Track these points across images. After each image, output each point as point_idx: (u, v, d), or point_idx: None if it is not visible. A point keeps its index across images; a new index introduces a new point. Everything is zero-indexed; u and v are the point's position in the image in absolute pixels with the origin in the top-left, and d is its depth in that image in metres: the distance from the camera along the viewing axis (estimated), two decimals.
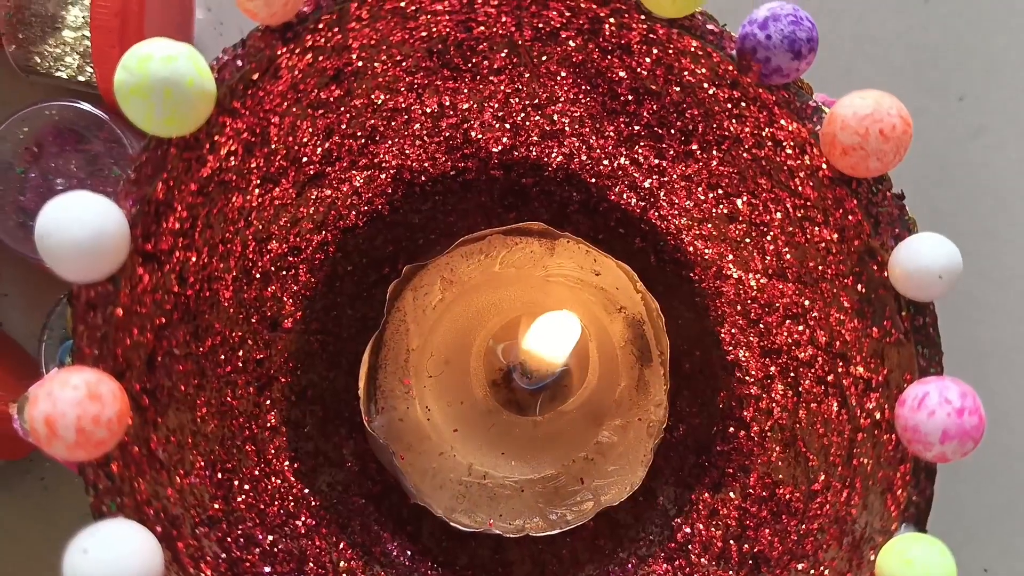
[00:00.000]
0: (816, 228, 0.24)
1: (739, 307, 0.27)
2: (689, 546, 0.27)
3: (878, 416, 0.23)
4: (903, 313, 0.22)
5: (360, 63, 0.24)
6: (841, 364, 0.24)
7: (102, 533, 0.18)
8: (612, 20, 0.23)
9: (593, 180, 0.28)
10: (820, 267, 0.24)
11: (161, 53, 0.19)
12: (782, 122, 0.23)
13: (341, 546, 0.26)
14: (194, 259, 0.23)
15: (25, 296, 0.32)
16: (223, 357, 0.25)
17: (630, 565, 0.27)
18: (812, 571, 0.23)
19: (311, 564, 0.25)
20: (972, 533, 0.36)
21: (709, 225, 0.27)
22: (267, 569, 0.23)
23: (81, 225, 0.19)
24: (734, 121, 0.24)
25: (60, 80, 0.31)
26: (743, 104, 0.24)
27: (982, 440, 0.21)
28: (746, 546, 0.25)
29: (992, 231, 0.36)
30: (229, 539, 0.23)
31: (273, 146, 0.24)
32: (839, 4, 0.36)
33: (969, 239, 0.31)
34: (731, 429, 0.27)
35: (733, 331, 0.27)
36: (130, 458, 0.20)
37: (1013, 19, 0.37)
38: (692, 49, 0.23)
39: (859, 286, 0.23)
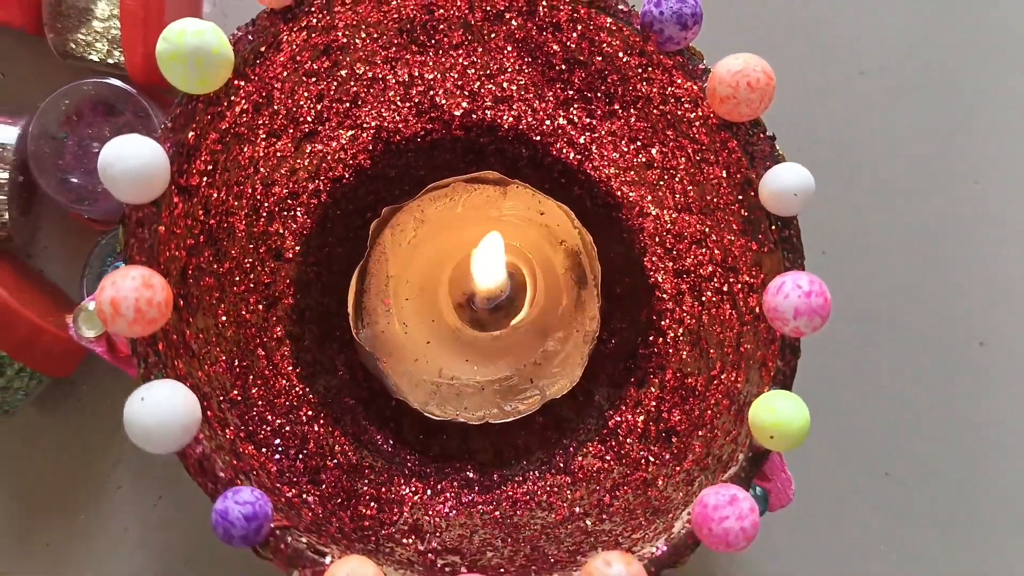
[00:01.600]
0: (710, 167, 0.30)
1: (657, 239, 0.33)
2: (618, 431, 0.33)
3: (757, 311, 0.29)
4: (772, 228, 0.28)
5: (344, 40, 0.30)
6: (732, 275, 0.30)
7: (155, 387, 0.24)
8: (544, 2, 0.30)
9: (538, 138, 0.34)
10: (715, 199, 0.31)
11: (193, 28, 0.25)
12: (679, 81, 0.29)
13: (336, 434, 0.32)
14: (215, 195, 0.29)
15: (63, 247, 0.38)
16: (238, 278, 0.31)
17: (571, 448, 0.33)
18: (708, 435, 0.29)
19: (311, 444, 0.31)
20: (873, 438, 0.42)
21: (632, 173, 0.33)
22: (276, 442, 0.29)
23: (135, 159, 0.25)
24: (644, 83, 0.30)
25: (92, 63, 0.36)
26: (649, 68, 0.30)
27: (829, 319, 0.27)
28: (661, 425, 0.31)
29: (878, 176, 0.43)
30: (246, 416, 0.29)
31: (276, 107, 0.30)
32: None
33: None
34: (652, 337, 0.33)
35: (653, 259, 0.34)
36: (171, 343, 0.26)
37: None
38: (607, 25, 0.29)
39: (743, 211, 0.29)
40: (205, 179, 0.28)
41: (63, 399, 0.38)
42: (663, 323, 0.33)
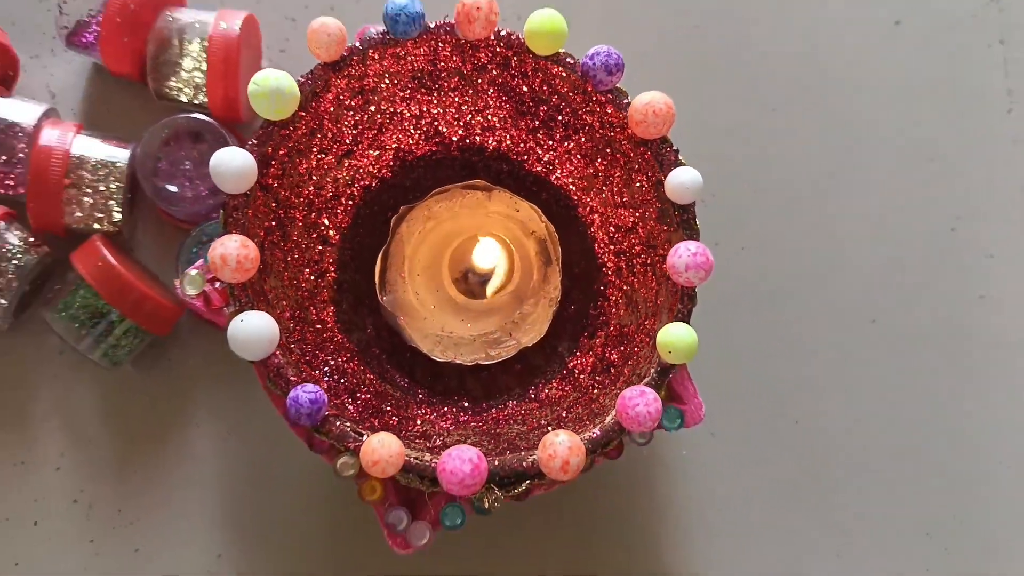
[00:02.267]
0: (636, 174, 0.42)
1: (603, 230, 0.45)
2: (575, 370, 0.44)
3: (668, 275, 0.41)
4: (675, 213, 0.40)
5: (373, 84, 0.42)
6: (653, 251, 0.42)
7: (250, 314, 0.36)
8: (515, 58, 0.42)
9: (514, 156, 0.46)
10: (640, 197, 0.42)
11: (274, 75, 0.37)
12: (610, 111, 0.41)
13: (367, 372, 0.43)
14: (283, 193, 0.41)
15: (154, 241, 0.50)
16: (296, 255, 0.42)
17: (539, 384, 0.44)
18: (634, 363, 0.41)
19: (349, 376, 0.42)
20: (786, 394, 0.53)
21: (582, 181, 0.45)
22: (325, 369, 0.41)
23: (235, 162, 0.37)
24: (587, 114, 0.43)
25: (181, 103, 0.49)
26: (590, 103, 0.42)
27: (711, 272, 0.39)
28: (604, 362, 0.43)
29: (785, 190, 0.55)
30: (304, 350, 0.40)
31: (325, 132, 0.42)
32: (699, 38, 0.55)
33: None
34: (599, 302, 0.45)
35: (600, 245, 0.45)
36: (255, 292, 0.38)
37: (812, 54, 0.56)
38: (560, 73, 0.42)
39: (658, 203, 0.41)
40: (276, 181, 0.40)
41: (154, 359, 0.49)
42: (608, 292, 0.45)
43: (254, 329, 0.35)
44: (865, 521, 0.52)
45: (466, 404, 0.44)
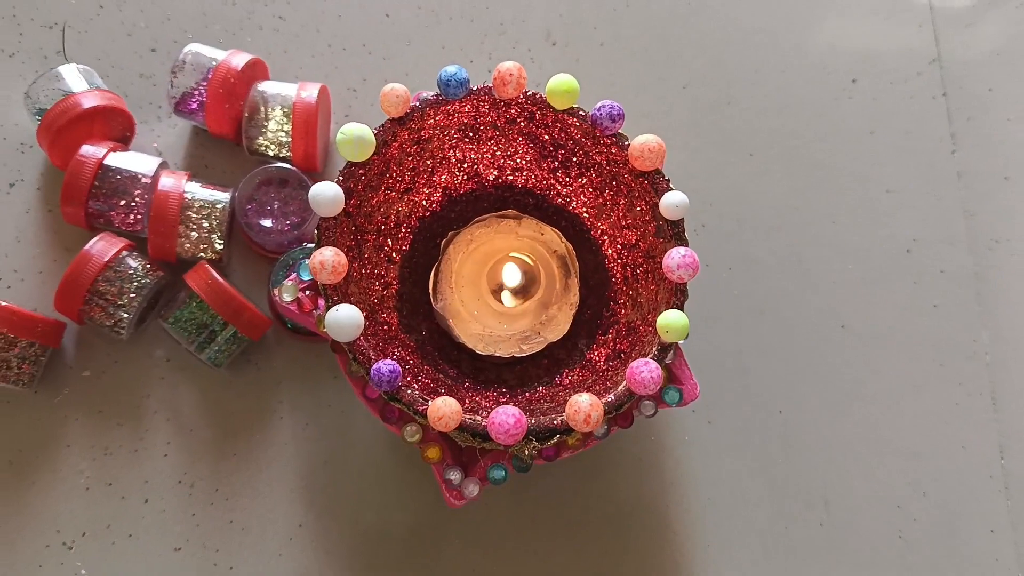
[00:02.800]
0: (636, 200, 0.53)
1: (612, 247, 0.56)
2: (592, 360, 0.54)
3: (664, 275, 0.51)
4: (668, 227, 0.51)
5: (428, 135, 0.54)
6: (651, 260, 0.53)
7: (343, 306, 0.46)
8: (539, 112, 0.53)
9: (539, 191, 0.57)
10: (640, 219, 0.53)
11: (358, 126, 0.49)
12: (615, 151, 0.52)
13: (424, 365, 0.53)
14: (360, 220, 0.52)
15: (243, 266, 0.61)
16: (368, 269, 0.53)
17: (564, 373, 0.55)
18: (639, 347, 0.51)
19: (411, 367, 0.52)
20: (771, 389, 0.63)
21: (594, 209, 0.56)
22: (392, 358, 0.51)
23: (329, 192, 0.48)
24: (596, 155, 0.54)
25: (268, 156, 0.60)
26: (599, 146, 0.53)
27: (698, 271, 0.49)
28: (616, 352, 0.53)
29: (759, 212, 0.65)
30: (376, 342, 0.51)
31: (391, 172, 0.53)
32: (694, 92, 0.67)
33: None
34: (611, 305, 0.55)
35: (610, 260, 0.56)
36: (342, 294, 0.49)
37: (790, 102, 0.67)
38: (575, 123, 0.53)
39: (654, 222, 0.52)
40: (355, 210, 0.51)
41: (245, 363, 0.60)
42: (617, 296, 0.55)
43: (346, 317, 0.46)
44: (843, 495, 0.61)
45: (504, 390, 0.54)
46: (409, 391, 0.47)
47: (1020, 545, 0.62)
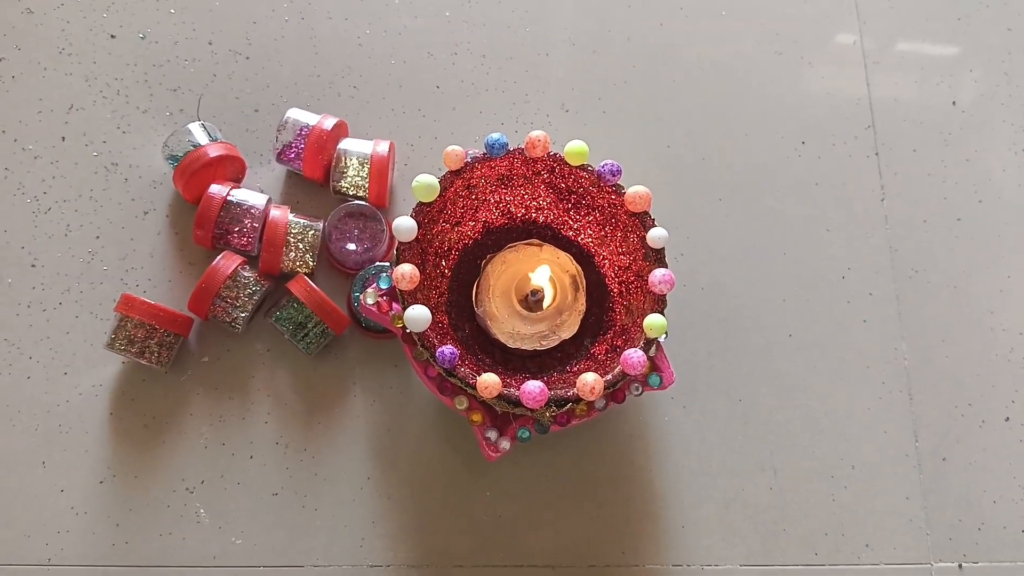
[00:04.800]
0: (631, 233, 0.71)
1: (611, 269, 0.74)
2: (595, 354, 0.72)
3: (650, 290, 0.69)
4: (654, 254, 0.69)
5: (474, 182, 0.72)
6: (640, 279, 0.71)
7: (416, 307, 0.64)
8: (558, 167, 0.72)
9: (555, 227, 0.76)
10: (632, 247, 0.71)
11: (429, 176, 0.67)
12: (614, 198, 0.71)
13: (467, 355, 0.71)
14: (424, 246, 0.70)
15: (327, 280, 0.79)
16: (428, 283, 0.71)
17: (573, 363, 0.72)
18: (630, 342, 0.69)
19: (459, 355, 0.70)
20: (732, 383, 0.81)
21: (597, 240, 0.74)
22: (448, 346, 0.69)
23: (407, 223, 0.66)
24: (600, 199, 0.72)
25: (349, 196, 0.79)
26: (603, 192, 0.72)
27: (674, 287, 0.67)
28: (611, 346, 0.71)
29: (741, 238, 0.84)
30: (434, 335, 0.68)
31: (447, 210, 0.72)
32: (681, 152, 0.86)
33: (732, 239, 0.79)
34: (609, 313, 0.73)
35: (609, 278, 0.74)
36: (415, 299, 0.67)
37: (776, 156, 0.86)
38: (585, 175, 0.71)
39: (643, 250, 0.70)
40: (422, 237, 0.69)
41: (327, 354, 0.77)
42: (614, 305, 0.73)
43: (419, 314, 0.64)
44: (788, 466, 0.79)
45: (527, 375, 0.72)
46: (462, 369, 0.65)
47: (929, 510, 0.79)
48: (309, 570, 0.72)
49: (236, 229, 0.75)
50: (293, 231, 0.75)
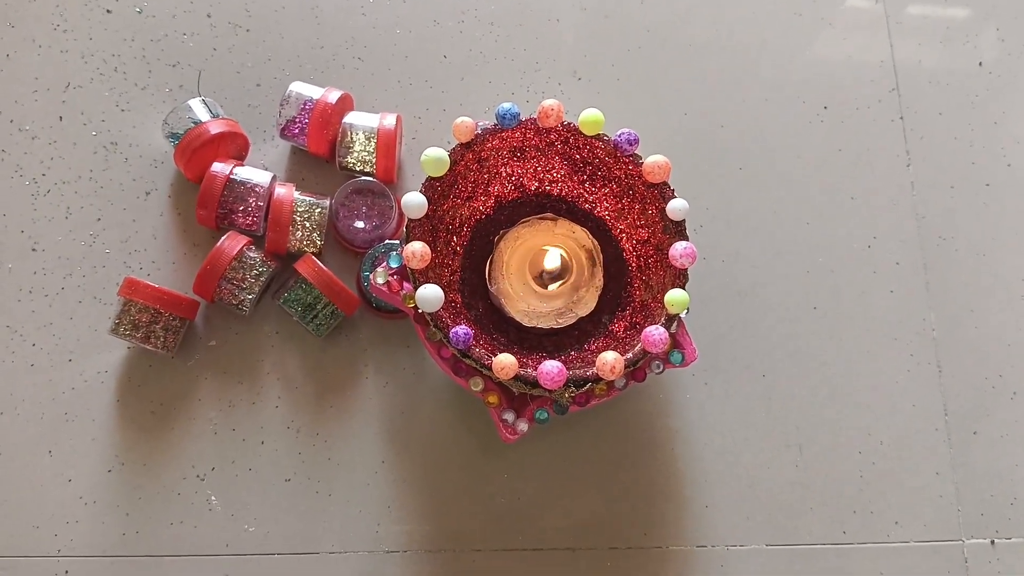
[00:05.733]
0: (649, 205, 0.69)
1: (629, 243, 0.71)
2: (613, 330, 0.70)
3: (670, 263, 0.67)
4: (673, 227, 0.66)
5: (485, 155, 0.69)
6: (659, 252, 0.68)
7: (429, 285, 0.62)
8: (572, 137, 0.69)
9: (571, 199, 0.73)
10: (651, 220, 0.69)
11: (438, 149, 0.64)
12: (631, 168, 0.68)
13: (482, 334, 0.69)
14: (435, 222, 0.67)
15: (334, 259, 0.76)
16: (439, 260, 0.69)
17: (591, 341, 0.70)
18: (650, 318, 0.66)
19: (473, 334, 0.68)
20: (757, 357, 0.78)
21: (615, 212, 0.72)
22: (462, 326, 0.66)
23: (416, 200, 0.63)
24: (617, 170, 0.69)
25: (355, 172, 0.76)
26: (619, 163, 0.69)
27: (696, 260, 0.64)
28: (630, 323, 0.69)
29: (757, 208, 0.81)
30: (447, 315, 0.66)
31: (458, 184, 0.69)
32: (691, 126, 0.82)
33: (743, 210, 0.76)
34: (628, 288, 0.71)
35: (627, 252, 0.71)
36: (427, 277, 0.64)
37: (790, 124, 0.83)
38: (600, 145, 0.69)
39: (662, 222, 0.68)
40: (431, 214, 0.67)
41: (338, 335, 0.75)
42: (633, 281, 0.71)
43: (431, 293, 0.61)
44: (814, 442, 0.76)
45: (543, 354, 0.70)
46: (478, 349, 0.62)
47: (959, 485, 0.77)
48: (324, 557, 0.70)
49: (240, 208, 0.73)
50: (299, 209, 0.73)
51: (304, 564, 0.70)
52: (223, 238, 0.71)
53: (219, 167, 0.72)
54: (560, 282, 0.71)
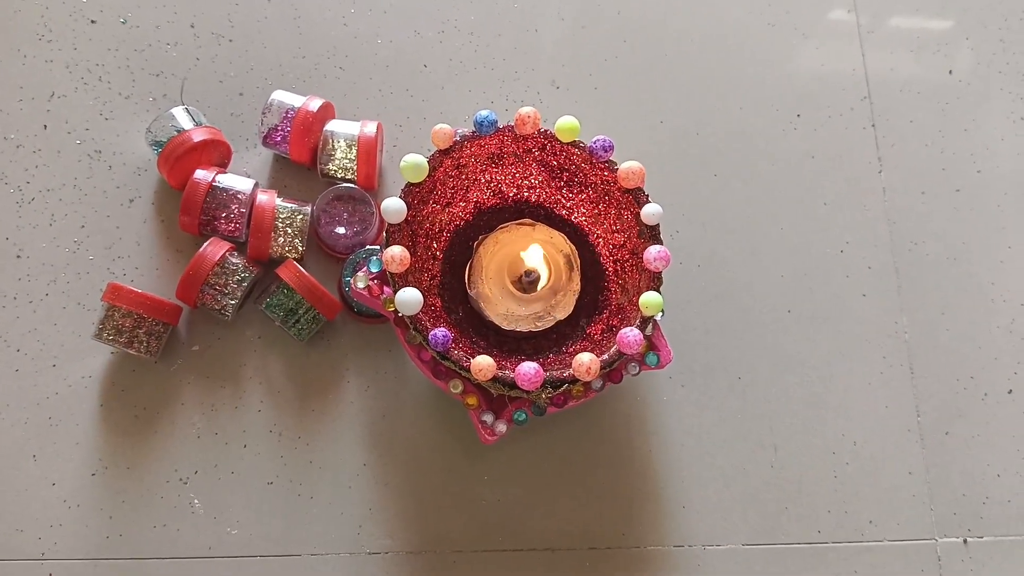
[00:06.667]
0: (624, 210, 0.70)
1: (605, 247, 0.73)
2: (591, 334, 0.71)
3: (645, 267, 0.68)
4: (648, 231, 0.68)
5: (464, 161, 0.71)
6: (635, 256, 0.70)
7: (407, 289, 0.63)
8: (549, 144, 0.70)
9: (548, 205, 0.74)
10: (626, 225, 0.70)
11: (417, 156, 0.66)
12: (607, 174, 0.69)
13: (462, 337, 0.70)
14: (414, 227, 0.69)
15: (317, 265, 0.77)
16: (419, 265, 0.70)
17: (569, 343, 0.71)
18: (625, 321, 0.68)
19: (452, 337, 0.69)
20: (731, 361, 0.79)
21: (591, 218, 0.73)
22: (441, 328, 0.67)
23: (396, 205, 0.65)
24: (593, 176, 0.71)
25: (336, 178, 0.77)
26: (595, 169, 0.70)
27: (670, 263, 0.66)
28: (607, 326, 0.70)
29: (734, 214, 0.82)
30: (427, 319, 0.67)
31: (437, 190, 0.70)
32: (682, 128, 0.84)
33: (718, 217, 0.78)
34: (604, 292, 0.72)
35: (603, 257, 0.73)
36: (406, 281, 0.65)
37: (764, 144, 0.85)
38: (577, 152, 0.70)
39: (637, 227, 0.69)
40: (410, 219, 0.68)
41: (320, 340, 0.76)
42: (609, 285, 0.72)
43: (410, 296, 0.62)
44: (789, 443, 0.78)
45: (523, 357, 0.71)
46: (457, 351, 0.64)
47: (932, 484, 0.78)
48: (306, 559, 0.71)
49: (223, 215, 0.74)
50: (281, 216, 0.74)
51: (286, 566, 0.70)
52: (205, 244, 0.72)
53: (202, 174, 0.73)
54: (540, 286, 0.72)
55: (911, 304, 0.82)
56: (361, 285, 0.67)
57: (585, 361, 0.62)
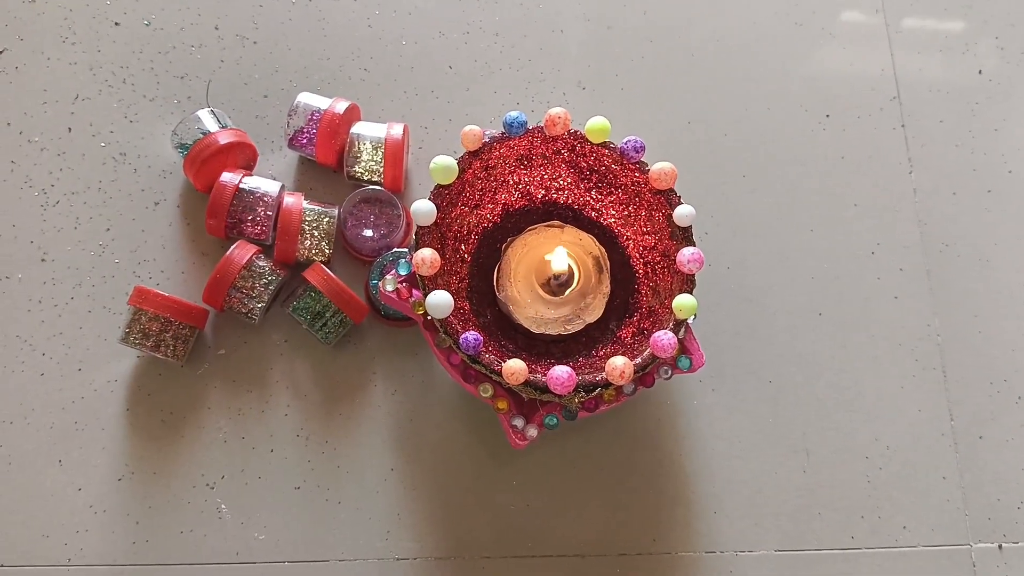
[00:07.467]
0: (656, 211, 0.69)
1: (636, 249, 0.72)
2: (621, 337, 0.70)
3: (678, 269, 0.67)
4: (680, 233, 0.67)
5: (493, 163, 0.70)
6: (666, 259, 0.69)
7: (438, 292, 0.62)
8: (579, 145, 0.70)
9: (578, 207, 0.73)
10: (658, 226, 0.69)
11: (447, 157, 0.65)
12: (638, 175, 0.69)
13: (490, 341, 0.69)
14: (443, 230, 0.68)
15: (343, 268, 0.77)
16: (448, 267, 0.69)
17: (599, 347, 0.70)
18: (658, 324, 0.67)
19: (482, 341, 0.68)
20: (762, 363, 0.78)
21: (621, 219, 0.72)
22: (472, 332, 0.67)
23: (426, 207, 0.64)
24: (624, 177, 0.70)
25: (363, 181, 0.77)
26: (626, 170, 0.69)
27: (703, 265, 0.65)
28: (638, 329, 0.69)
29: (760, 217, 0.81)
30: (455, 319, 0.66)
31: (466, 192, 0.69)
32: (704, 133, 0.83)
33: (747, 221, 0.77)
34: (635, 294, 0.71)
35: (634, 259, 0.72)
36: (436, 284, 0.65)
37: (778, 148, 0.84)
38: (607, 153, 0.69)
39: (669, 228, 0.68)
40: (440, 222, 0.67)
41: (346, 343, 0.76)
42: (640, 287, 0.71)
43: (441, 299, 0.62)
44: (821, 447, 0.77)
45: (552, 360, 0.70)
46: (487, 355, 0.63)
47: (966, 489, 0.77)
48: (334, 564, 0.70)
49: (249, 218, 0.73)
50: (308, 219, 0.73)
51: (314, 572, 0.70)
52: (232, 247, 0.71)
53: (228, 177, 0.72)
54: (569, 289, 0.71)
55: (943, 307, 0.81)
56: (390, 288, 0.67)
57: (619, 365, 0.61)
